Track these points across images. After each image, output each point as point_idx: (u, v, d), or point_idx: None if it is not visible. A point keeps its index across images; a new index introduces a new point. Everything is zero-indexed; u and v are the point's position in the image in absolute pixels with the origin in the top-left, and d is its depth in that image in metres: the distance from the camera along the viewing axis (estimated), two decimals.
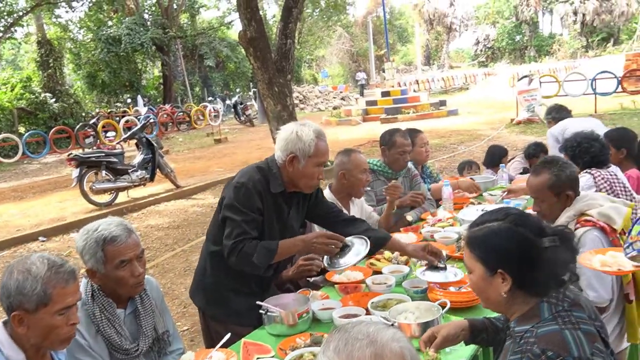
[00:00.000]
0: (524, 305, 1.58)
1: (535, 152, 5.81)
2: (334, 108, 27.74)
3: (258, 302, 2.55)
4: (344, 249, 2.68)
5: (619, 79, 15.58)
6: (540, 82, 16.03)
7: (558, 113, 5.78)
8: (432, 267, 2.72)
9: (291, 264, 3.09)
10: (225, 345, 2.34)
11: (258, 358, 2.24)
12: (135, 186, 9.93)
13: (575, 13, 46.81)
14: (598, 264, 2.18)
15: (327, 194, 3.66)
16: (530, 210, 3.71)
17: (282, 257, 2.67)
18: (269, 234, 2.68)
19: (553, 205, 2.72)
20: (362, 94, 32.94)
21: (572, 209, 2.63)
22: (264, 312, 2.51)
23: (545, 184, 2.71)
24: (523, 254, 1.54)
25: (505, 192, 4.09)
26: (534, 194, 2.82)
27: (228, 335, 2.36)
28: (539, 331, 1.50)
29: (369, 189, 4.10)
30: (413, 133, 4.50)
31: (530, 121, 14.79)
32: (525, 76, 16.17)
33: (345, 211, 3.65)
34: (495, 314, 1.92)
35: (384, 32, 43.84)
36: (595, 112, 14.87)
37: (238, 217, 2.57)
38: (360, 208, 3.85)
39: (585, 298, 1.64)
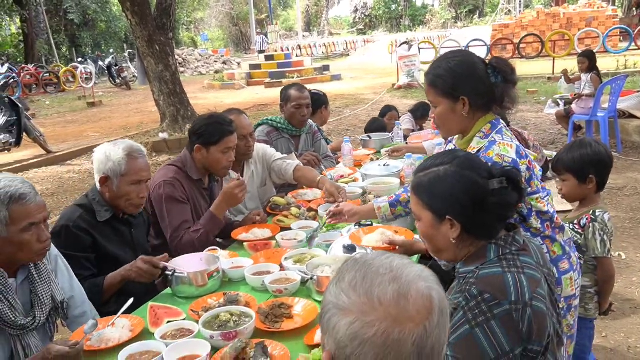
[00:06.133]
0: (472, 248, 1.55)
1: (424, 113, 6.01)
2: (216, 72, 26.90)
3: (163, 263, 2.35)
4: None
5: (489, 46, 16.60)
6: (419, 49, 16.65)
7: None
8: (358, 224, 2.66)
9: None
10: (128, 312, 2.13)
11: (169, 321, 2.05)
12: None
13: None
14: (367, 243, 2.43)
15: None
16: None
17: (112, 289, 2.44)
18: (121, 262, 2.48)
19: None
20: None
21: None
22: (170, 273, 2.32)
23: None
24: (471, 198, 1.48)
25: (390, 152, 4.20)
26: None
27: (131, 300, 2.14)
28: (480, 272, 1.47)
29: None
30: (326, 98, 4.74)
31: (410, 86, 15.35)
32: (405, 42, 16.68)
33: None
34: None
35: None
36: None
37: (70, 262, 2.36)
38: (261, 169, 3.54)
39: (536, 245, 1.62)
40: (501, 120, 2.09)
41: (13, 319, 1.94)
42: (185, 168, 2.99)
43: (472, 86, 2.00)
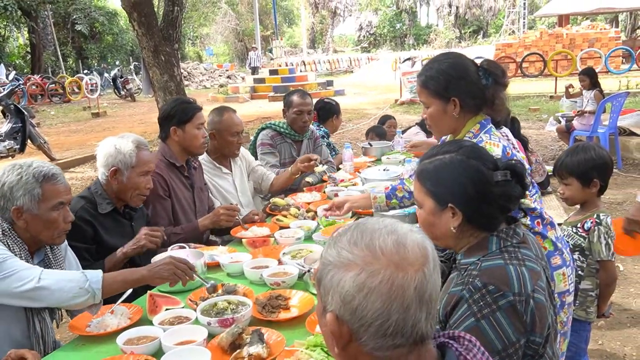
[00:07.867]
0: (472, 239, 1.55)
1: None
2: (221, 86, 27.11)
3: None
4: None
5: None
6: (422, 65, 16.77)
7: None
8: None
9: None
10: (127, 301, 2.15)
11: (167, 309, 2.08)
12: (2, 158, 9.00)
13: (450, 5, 49.60)
14: None
15: (204, 155, 3.45)
16: None
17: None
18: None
19: None
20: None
21: None
22: None
23: None
24: (475, 187, 1.49)
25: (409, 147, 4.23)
26: None
27: (130, 291, 2.16)
28: (483, 265, 1.47)
29: (270, 152, 4.01)
30: (339, 107, 4.91)
31: (413, 102, 15.44)
32: (409, 59, 16.85)
33: (226, 170, 3.56)
34: None
35: (270, 13, 43.50)
36: None
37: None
38: (245, 166, 3.73)
39: (533, 238, 1.64)
40: (490, 121, 2.13)
41: None
42: (165, 158, 3.06)
43: (463, 87, 2.05)
